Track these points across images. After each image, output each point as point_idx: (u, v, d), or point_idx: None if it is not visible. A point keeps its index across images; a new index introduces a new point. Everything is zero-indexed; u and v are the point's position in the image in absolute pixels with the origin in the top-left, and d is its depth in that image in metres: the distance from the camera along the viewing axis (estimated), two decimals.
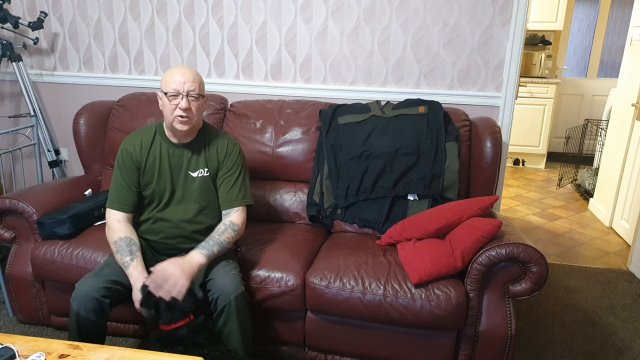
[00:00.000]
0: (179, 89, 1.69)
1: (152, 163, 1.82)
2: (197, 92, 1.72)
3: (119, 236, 1.75)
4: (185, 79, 1.70)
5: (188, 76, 1.71)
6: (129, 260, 1.69)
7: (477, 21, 2.42)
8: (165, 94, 1.72)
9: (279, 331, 1.95)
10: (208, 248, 1.72)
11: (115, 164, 1.85)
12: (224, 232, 1.77)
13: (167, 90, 1.71)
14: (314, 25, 2.59)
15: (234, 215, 1.83)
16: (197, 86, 1.73)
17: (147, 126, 1.90)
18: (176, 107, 1.70)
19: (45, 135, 2.93)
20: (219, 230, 1.78)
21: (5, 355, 1.27)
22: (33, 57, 3.02)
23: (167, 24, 2.77)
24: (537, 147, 5.25)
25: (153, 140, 1.83)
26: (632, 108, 3.39)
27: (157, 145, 1.83)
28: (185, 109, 1.70)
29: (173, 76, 1.71)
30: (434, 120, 2.25)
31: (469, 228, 1.80)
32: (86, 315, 1.60)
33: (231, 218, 1.82)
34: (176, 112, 1.71)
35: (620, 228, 3.48)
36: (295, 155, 2.37)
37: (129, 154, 1.81)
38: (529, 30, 5.20)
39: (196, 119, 1.76)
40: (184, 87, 1.69)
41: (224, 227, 1.79)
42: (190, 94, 1.71)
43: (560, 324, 2.36)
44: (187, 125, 1.74)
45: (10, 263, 2.15)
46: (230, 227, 1.79)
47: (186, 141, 1.83)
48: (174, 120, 1.73)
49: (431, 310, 1.71)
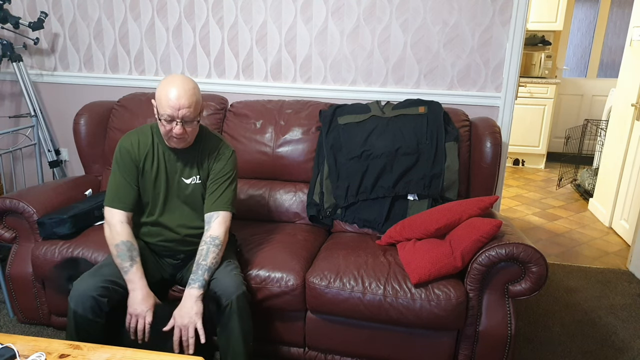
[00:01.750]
0: (174, 115, 1.63)
1: (150, 165, 1.80)
2: (192, 117, 1.67)
3: (121, 239, 1.72)
4: (181, 104, 1.62)
5: (183, 100, 1.63)
6: (129, 266, 1.68)
7: (477, 21, 2.42)
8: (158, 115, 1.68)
9: (279, 331, 1.95)
10: (199, 280, 1.67)
11: (113, 163, 1.81)
12: (208, 254, 1.71)
13: (162, 114, 1.65)
14: (314, 25, 2.59)
15: (214, 226, 1.76)
16: (192, 110, 1.66)
17: (142, 127, 1.85)
18: (171, 130, 1.67)
19: (46, 135, 2.93)
20: (202, 253, 1.72)
21: (5, 355, 1.27)
22: (33, 57, 3.02)
23: (167, 24, 2.77)
24: (537, 147, 5.25)
25: (152, 142, 1.80)
26: (631, 108, 3.40)
27: (156, 148, 1.80)
28: (180, 134, 1.67)
29: (168, 98, 1.63)
30: (433, 120, 2.25)
31: (468, 228, 1.80)
32: (84, 314, 1.60)
33: (211, 232, 1.76)
34: (171, 134, 1.68)
35: (620, 228, 3.48)
36: (295, 155, 2.37)
37: (127, 152, 1.78)
38: (529, 30, 5.21)
39: (191, 138, 1.74)
40: (178, 113, 1.63)
41: (206, 247, 1.73)
42: (185, 119, 1.65)
43: (560, 324, 2.36)
44: (182, 143, 1.73)
45: (11, 263, 2.16)
46: (212, 244, 1.73)
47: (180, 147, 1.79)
48: (169, 139, 1.72)
49: (431, 310, 1.71)
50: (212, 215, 1.78)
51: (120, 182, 1.78)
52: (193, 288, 1.66)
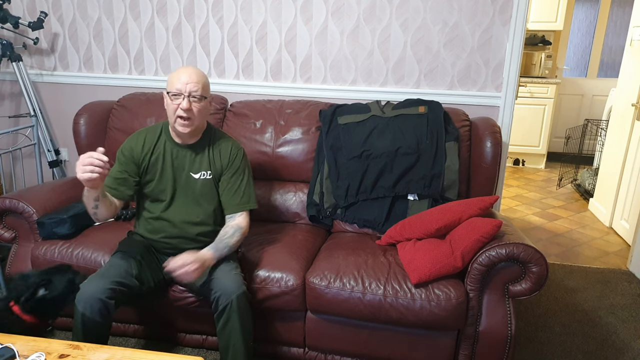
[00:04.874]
0: (181, 89, 1.70)
1: (154, 161, 1.83)
2: (200, 94, 1.72)
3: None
4: (189, 79, 1.70)
5: (192, 77, 1.71)
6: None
7: (477, 21, 2.42)
8: (168, 94, 1.73)
9: (279, 331, 1.95)
10: (219, 249, 1.74)
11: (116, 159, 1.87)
12: (233, 235, 1.79)
13: (170, 89, 1.72)
14: (314, 25, 2.59)
15: (239, 219, 1.84)
16: (201, 87, 1.72)
17: (154, 125, 1.92)
18: (177, 107, 1.71)
19: (45, 135, 2.93)
20: (228, 233, 1.79)
21: (5, 355, 1.27)
22: (33, 57, 3.02)
23: (167, 24, 2.77)
24: (537, 147, 5.25)
25: (158, 139, 1.85)
26: (632, 108, 3.39)
27: (162, 145, 1.84)
28: (186, 109, 1.70)
29: (178, 76, 1.72)
30: (434, 120, 2.25)
31: (469, 228, 1.80)
32: (92, 317, 1.60)
33: (237, 221, 1.83)
34: (177, 112, 1.71)
35: (620, 228, 3.48)
36: (295, 155, 2.37)
37: (130, 150, 1.83)
38: (529, 30, 5.20)
39: (198, 121, 1.76)
40: (186, 87, 1.70)
41: (232, 230, 1.80)
42: (192, 94, 1.71)
43: (560, 324, 2.36)
44: (188, 127, 1.74)
45: (11, 263, 2.15)
46: (239, 231, 1.81)
47: (190, 142, 1.84)
48: (176, 121, 1.74)
49: (431, 310, 1.71)
50: (234, 215, 1.85)
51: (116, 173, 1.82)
52: (210, 252, 1.71)
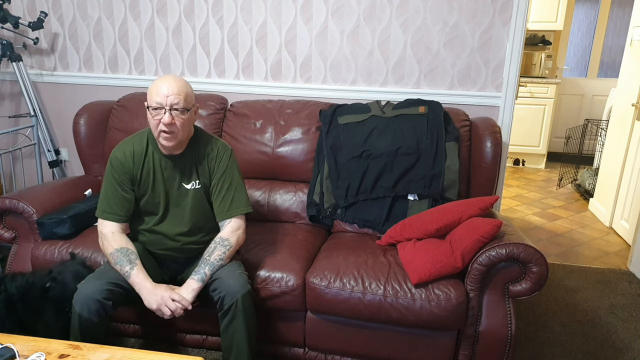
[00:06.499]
0: (162, 102, 1.59)
1: (146, 175, 1.76)
2: (182, 106, 1.61)
3: (115, 248, 1.70)
4: (170, 91, 1.59)
5: (172, 88, 1.60)
6: (129, 270, 1.66)
7: (477, 21, 2.42)
8: (148, 108, 1.63)
9: (279, 331, 1.95)
10: (200, 272, 1.69)
11: (105, 173, 1.77)
12: (214, 251, 1.72)
13: (150, 103, 1.62)
14: (314, 25, 2.59)
15: (225, 229, 1.78)
16: (182, 99, 1.61)
17: (139, 133, 1.81)
18: (159, 122, 1.61)
19: (45, 135, 2.93)
20: (209, 250, 1.74)
21: (5, 355, 1.27)
22: (33, 57, 3.02)
23: (167, 24, 2.77)
24: (537, 147, 5.25)
25: (146, 150, 1.76)
26: (632, 108, 3.39)
27: (150, 156, 1.76)
28: (168, 123, 1.60)
29: (158, 88, 1.61)
30: (434, 120, 2.25)
31: (469, 228, 1.80)
32: (89, 317, 1.59)
33: (222, 233, 1.77)
34: (160, 127, 1.62)
35: (620, 228, 3.48)
36: (295, 155, 2.37)
37: (120, 164, 1.74)
38: (529, 30, 5.20)
39: (182, 134, 1.67)
40: (167, 100, 1.59)
41: (214, 245, 1.74)
42: (174, 107, 1.60)
43: (560, 324, 2.36)
44: (171, 141, 1.66)
45: (10, 263, 2.15)
46: (220, 244, 1.74)
47: (176, 153, 1.76)
48: (159, 136, 1.66)
49: (431, 310, 1.71)
50: (224, 222, 1.80)
51: (113, 193, 1.75)
52: (192, 279, 1.68)
